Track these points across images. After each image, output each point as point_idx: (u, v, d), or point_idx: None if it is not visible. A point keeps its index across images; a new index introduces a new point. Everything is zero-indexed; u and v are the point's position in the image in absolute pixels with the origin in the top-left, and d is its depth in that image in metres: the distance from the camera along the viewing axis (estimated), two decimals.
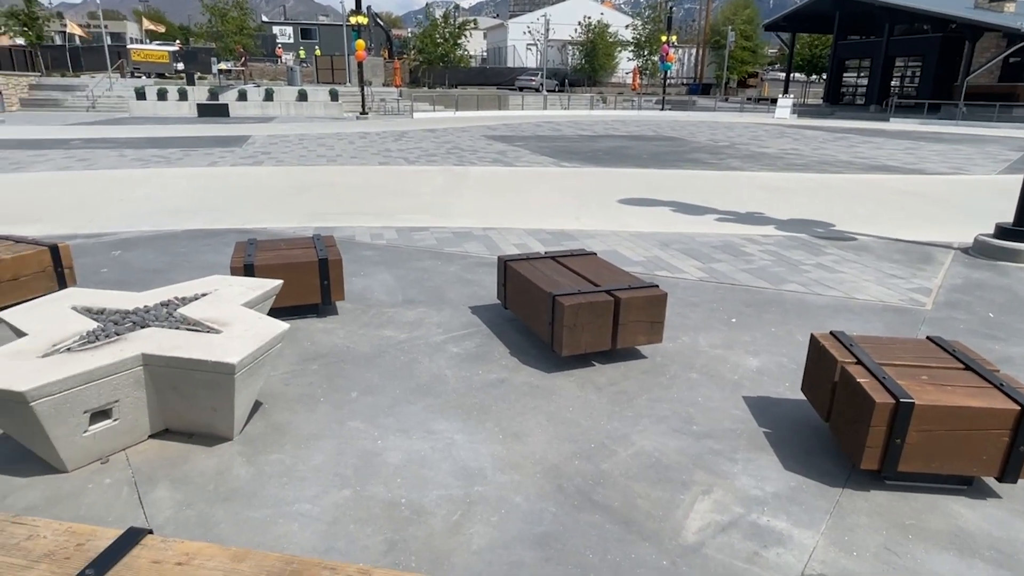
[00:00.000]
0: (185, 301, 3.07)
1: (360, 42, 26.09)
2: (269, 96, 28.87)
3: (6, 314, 2.88)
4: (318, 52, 44.78)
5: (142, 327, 2.75)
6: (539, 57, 49.05)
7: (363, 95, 26.93)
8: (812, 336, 2.98)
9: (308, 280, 4.10)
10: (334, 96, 29.38)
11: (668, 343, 3.90)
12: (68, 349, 2.51)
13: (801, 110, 32.20)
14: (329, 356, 3.69)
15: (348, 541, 2.23)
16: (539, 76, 42.46)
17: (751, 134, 19.79)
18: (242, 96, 28.57)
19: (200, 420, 2.72)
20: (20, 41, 35.83)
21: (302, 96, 29.09)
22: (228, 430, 2.74)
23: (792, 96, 33.03)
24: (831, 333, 2.97)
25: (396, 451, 2.77)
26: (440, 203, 8.23)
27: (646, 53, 48.13)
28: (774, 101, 33.14)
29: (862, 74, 37.60)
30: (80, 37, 45.53)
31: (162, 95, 27.31)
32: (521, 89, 40.87)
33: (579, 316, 3.39)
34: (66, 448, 2.46)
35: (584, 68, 50.27)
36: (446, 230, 6.78)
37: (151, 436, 2.80)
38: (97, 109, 28.29)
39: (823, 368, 2.83)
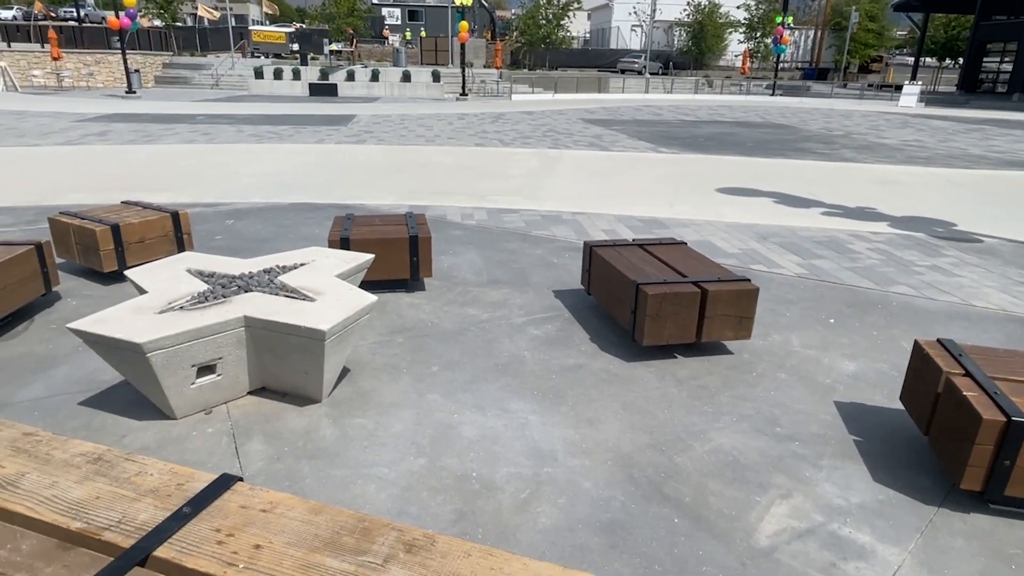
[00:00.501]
0: (285, 269, 3.28)
1: (464, 23, 26.41)
2: (375, 77, 29.88)
3: (131, 273, 3.19)
4: (423, 34, 45.78)
5: (246, 291, 2.96)
6: (644, 39, 47.78)
7: (464, 76, 27.31)
8: (916, 342, 2.77)
9: (399, 256, 4.25)
10: (436, 77, 29.98)
11: (757, 340, 3.75)
12: (181, 308, 2.75)
13: (930, 98, 29.58)
14: (414, 330, 3.82)
15: (420, 507, 2.32)
16: (642, 58, 41.37)
17: (870, 123, 18.42)
18: (350, 77, 29.73)
19: (293, 381, 2.91)
20: (157, 23, 38.92)
21: (406, 77, 29.89)
22: (317, 393, 2.91)
23: (920, 83, 30.33)
24: (938, 341, 2.75)
25: (471, 426, 2.84)
26: (532, 186, 8.26)
27: (758, 35, 45.70)
28: (899, 88, 30.61)
29: (1006, 59, 33.96)
30: (208, 19, 48.90)
31: (278, 75, 28.91)
32: (623, 72, 40.03)
33: (663, 306, 3.32)
34: (175, 397, 2.71)
35: (690, 51, 48.48)
36: (535, 213, 6.80)
37: (249, 393, 3.02)
38: (220, 87, 30.35)
39: (926, 378, 2.63)
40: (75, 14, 36.34)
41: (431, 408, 2.98)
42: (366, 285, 4.22)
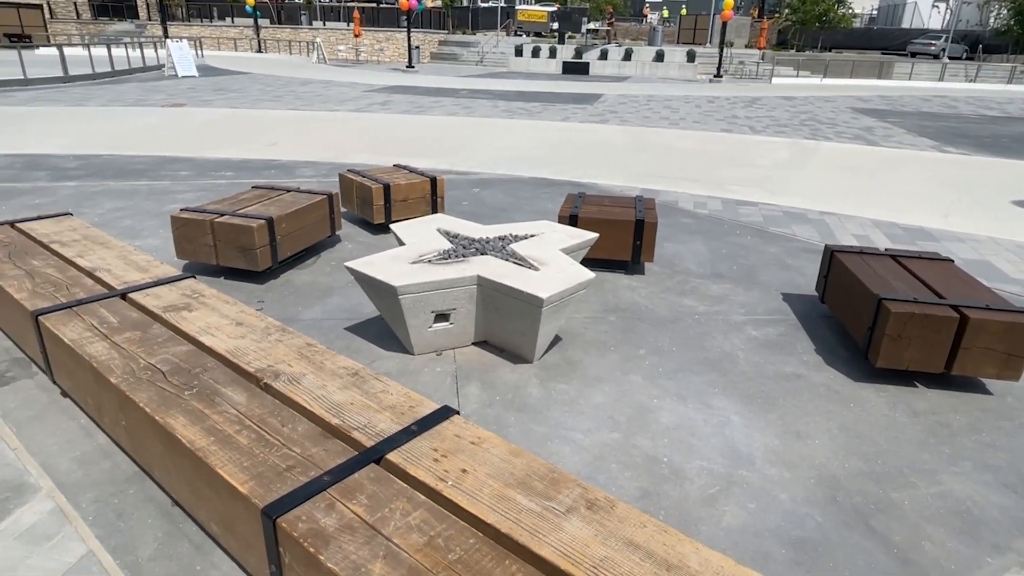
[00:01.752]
0: (517, 238, 3.58)
1: (729, 0, 25.04)
2: (627, 56, 29.83)
3: (395, 227, 3.74)
4: (683, 12, 44.33)
5: (481, 254, 3.31)
6: (948, 17, 40.67)
7: (720, 57, 26.00)
8: None
9: (622, 238, 4.34)
10: (690, 57, 28.97)
11: None
12: (428, 261, 3.18)
13: None
14: (627, 311, 3.91)
15: (607, 477, 2.45)
16: (942, 40, 35.36)
17: None
18: (603, 55, 30.08)
19: (510, 340, 3.20)
20: (437, 3, 43.14)
21: (659, 57, 29.36)
22: (530, 354, 3.17)
23: None
24: None
25: (669, 413, 2.87)
26: (777, 178, 7.72)
27: None
28: None
29: None
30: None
31: (535, 53, 30.34)
32: (914, 55, 34.67)
33: (907, 327, 2.97)
34: (416, 336, 3.15)
35: (1011, 31, 40.13)
36: (776, 208, 6.37)
37: (473, 343, 3.39)
38: (484, 64, 32.81)
39: None
40: None
41: (632, 388, 3.06)
42: (588, 262, 4.40)
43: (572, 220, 4.36)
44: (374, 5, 39.92)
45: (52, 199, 5.89)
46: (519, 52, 30.68)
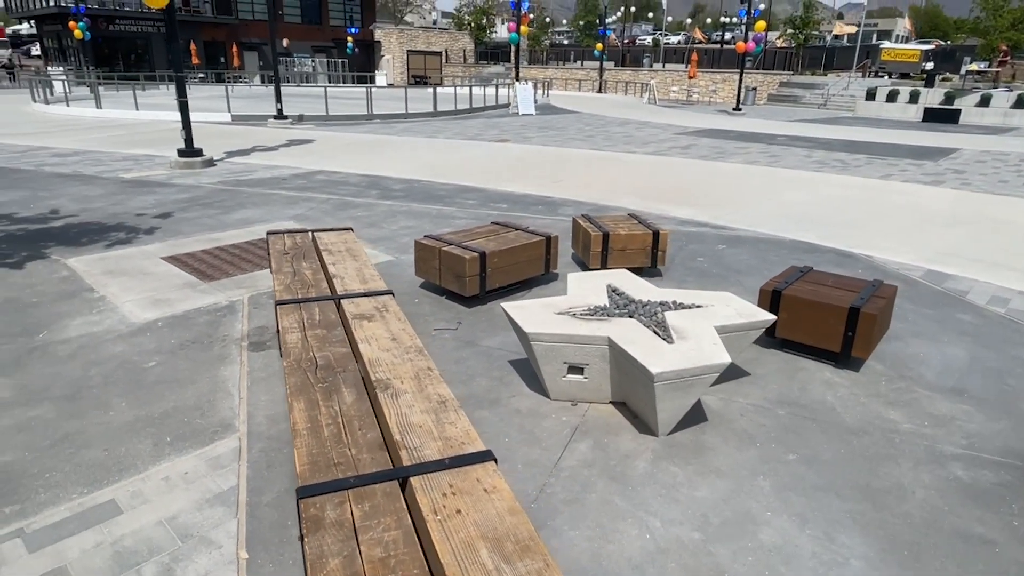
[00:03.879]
0: (679, 306, 3.49)
1: None
2: (1020, 103, 24.41)
3: (575, 275, 3.97)
4: None
5: (629, 316, 3.33)
6: None
7: None
8: None
9: (832, 325, 3.83)
10: None
11: None
12: (574, 315, 3.34)
13: None
14: (805, 409, 3.46)
15: (658, 573, 2.32)
16: None
17: None
18: (983, 101, 25.16)
19: (638, 407, 3.17)
20: (784, 43, 41.08)
21: None
22: (654, 426, 3.09)
23: None
24: None
25: (775, 531, 2.54)
26: None
27: None
28: None
29: None
30: (847, 35, 48.40)
31: (891, 97, 26.85)
32: None
33: None
34: (550, 382, 3.34)
35: None
36: None
37: (612, 402, 3.43)
38: (827, 107, 30.21)
39: None
40: (721, 36, 41.81)
41: (750, 493, 2.77)
42: (791, 345, 4.01)
43: (774, 296, 4.01)
44: (717, 46, 39.91)
45: (369, 213, 7.54)
46: (871, 96, 27.53)
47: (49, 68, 35.42)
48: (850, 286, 4.12)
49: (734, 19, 42.40)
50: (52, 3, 35.96)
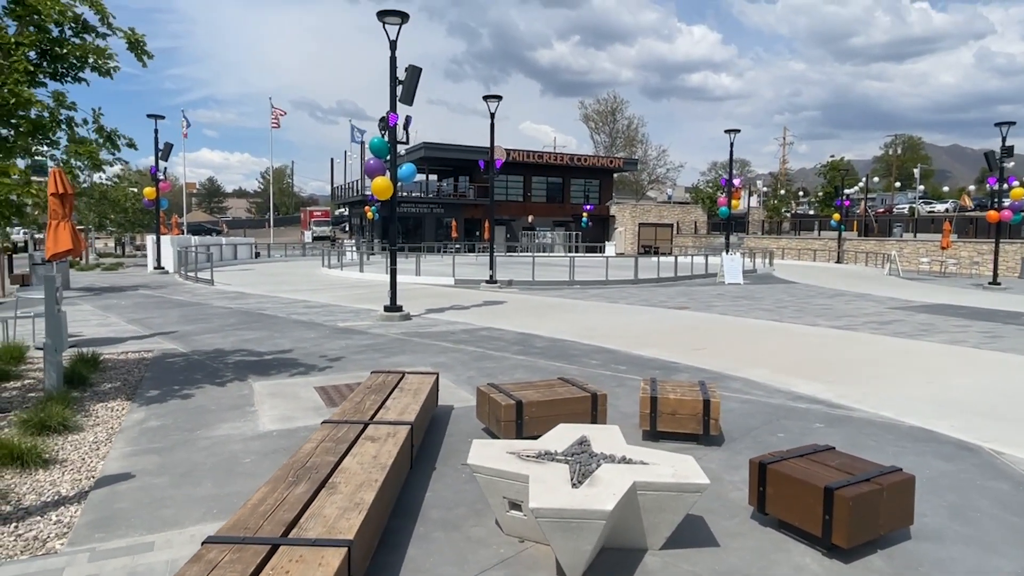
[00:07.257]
0: (625, 461, 3.71)
1: None
2: None
3: (562, 427, 4.39)
4: None
5: (564, 462, 3.67)
6: None
7: None
8: None
9: (810, 504, 3.62)
10: None
11: None
12: (519, 455, 3.79)
13: None
14: None
15: None
16: None
17: None
18: None
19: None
20: None
21: None
22: (565, 569, 3.32)
23: None
24: None
25: None
26: None
27: None
28: None
29: None
30: None
31: None
32: None
33: None
34: (499, 517, 3.76)
35: None
36: None
37: None
38: None
39: None
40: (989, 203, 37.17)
41: None
42: (789, 527, 3.85)
43: (761, 469, 3.93)
44: (980, 213, 35.55)
45: (496, 365, 8.55)
46: None
47: (345, 240, 45.30)
48: (852, 468, 3.85)
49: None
50: (357, 194, 47.80)
